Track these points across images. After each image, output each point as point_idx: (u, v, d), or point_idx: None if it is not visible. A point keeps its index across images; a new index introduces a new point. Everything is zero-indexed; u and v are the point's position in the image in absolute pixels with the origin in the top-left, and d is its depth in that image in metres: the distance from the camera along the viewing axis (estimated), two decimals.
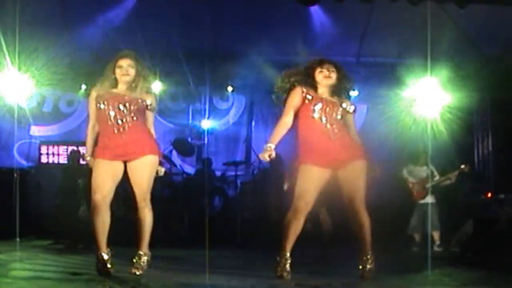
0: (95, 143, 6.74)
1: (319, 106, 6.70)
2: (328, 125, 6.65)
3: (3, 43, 10.97)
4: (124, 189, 6.90)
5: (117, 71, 6.63)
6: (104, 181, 6.46)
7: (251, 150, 15.53)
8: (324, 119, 6.67)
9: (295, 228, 6.59)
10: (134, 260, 6.55)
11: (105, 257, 6.43)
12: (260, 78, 14.76)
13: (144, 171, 6.53)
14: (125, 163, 6.59)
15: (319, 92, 6.81)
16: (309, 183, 6.60)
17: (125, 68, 6.61)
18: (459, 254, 10.09)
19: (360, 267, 6.68)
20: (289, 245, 6.61)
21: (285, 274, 6.54)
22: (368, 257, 6.66)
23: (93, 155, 6.66)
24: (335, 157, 6.60)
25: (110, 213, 6.49)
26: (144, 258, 6.56)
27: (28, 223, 11.13)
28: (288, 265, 6.57)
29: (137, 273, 6.47)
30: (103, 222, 6.45)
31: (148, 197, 6.58)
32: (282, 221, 6.76)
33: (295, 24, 12.43)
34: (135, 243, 6.61)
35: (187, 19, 12.36)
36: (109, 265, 6.45)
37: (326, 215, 9.16)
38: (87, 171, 6.91)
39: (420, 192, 11.51)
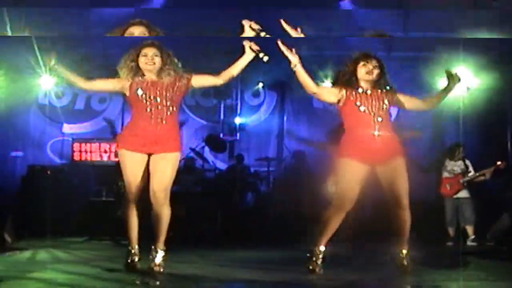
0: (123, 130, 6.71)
1: (364, 100, 6.62)
2: (373, 121, 6.56)
3: (34, 41, 11.05)
4: None
5: (142, 60, 6.49)
6: (136, 175, 6.44)
7: (283, 145, 15.52)
8: (369, 113, 6.58)
9: (334, 225, 6.52)
10: (153, 257, 6.46)
11: (134, 252, 6.46)
12: (291, 74, 14.72)
13: (170, 166, 6.43)
14: (149, 155, 6.50)
15: (362, 86, 6.69)
16: (353, 179, 6.50)
17: (151, 57, 6.48)
18: (494, 248, 10.03)
19: (397, 262, 6.64)
20: (325, 240, 6.57)
21: (317, 269, 6.51)
22: (405, 252, 6.62)
23: (120, 143, 6.57)
24: (377, 153, 6.52)
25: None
26: (162, 254, 6.47)
27: (61, 221, 11.21)
28: (320, 260, 6.53)
29: (161, 270, 6.41)
30: (134, 216, 6.52)
31: (169, 193, 6.47)
32: (313, 216, 6.72)
33: (325, 18, 12.39)
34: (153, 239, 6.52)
35: (218, 15, 12.36)
36: (137, 261, 6.50)
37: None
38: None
39: (454, 187, 11.42)
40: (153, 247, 6.47)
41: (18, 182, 12.79)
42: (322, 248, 6.58)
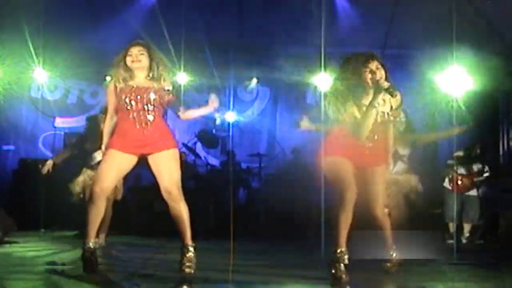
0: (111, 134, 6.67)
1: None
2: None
3: (27, 35, 11.04)
4: None
5: (128, 59, 6.49)
6: (108, 172, 6.36)
7: (275, 142, 15.54)
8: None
9: (346, 220, 6.28)
10: (184, 255, 6.38)
11: (92, 246, 6.39)
12: (285, 70, 14.74)
13: (171, 162, 6.39)
14: (142, 157, 6.47)
15: (368, 92, 6.36)
16: (348, 172, 6.33)
17: (135, 55, 6.47)
18: (483, 246, 10.07)
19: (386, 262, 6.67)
20: (343, 239, 6.25)
21: (343, 275, 6.11)
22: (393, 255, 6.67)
23: (109, 145, 6.52)
24: (364, 159, 6.41)
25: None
26: (192, 249, 6.38)
27: (52, 215, 11.21)
28: (344, 264, 6.16)
29: (192, 272, 6.32)
30: (97, 213, 6.36)
31: (181, 189, 6.42)
32: (307, 213, 6.69)
33: (320, 15, 12.37)
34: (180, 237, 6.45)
35: (212, 10, 12.37)
36: (94, 256, 6.41)
37: None
38: None
39: (466, 185, 11.36)
40: (184, 245, 6.39)
41: (9, 176, 12.77)
42: (344, 248, 6.23)
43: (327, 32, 12.97)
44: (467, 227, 11.26)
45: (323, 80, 14.96)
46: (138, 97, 6.41)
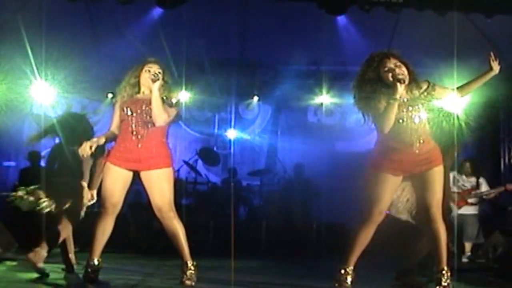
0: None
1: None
2: (408, 130, 6.13)
3: (29, 51, 11.06)
4: None
5: (145, 75, 6.53)
6: (115, 187, 6.43)
7: (276, 159, 15.56)
8: (404, 122, 6.14)
9: (365, 240, 6.20)
10: (183, 272, 6.45)
11: (96, 263, 6.42)
12: (286, 88, 14.79)
13: (163, 182, 6.41)
14: (136, 172, 6.51)
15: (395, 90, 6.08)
16: (384, 191, 6.18)
17: (154, 72, 6.46)
18: (485, 265, 10.03)
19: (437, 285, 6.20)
20: (354, 257, 6.20)
21: None
22: (444, 272, 6.16)
23: (106, 158, 6.56)
24: (417, 162, 6.15)
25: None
26: (192, 267, 6.46)
27: (54, 232, 11.18)
28: (350, 279, 6.16)
29: (192, 284, 6.40)
30: (106, 230, 6.45)
31: (173, 206, 6.47)
32: (306, 229, 6.64)
33: (321, 33, 12.41)
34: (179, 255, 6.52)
35: (214, 29, 12.41)
36: (96, 273, 6.45)
37: None
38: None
39: (459, 203, 11.30)
40: (183, 261, 6.46)
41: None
42: (352, 266, 6.20)
43: (328, 51, 13.06)
44: (468, 246, 11.22)
45: (323, 97, 15.07)
46: (140, 108, 6.45)
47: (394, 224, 6.95)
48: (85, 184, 7.40)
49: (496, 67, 6.46)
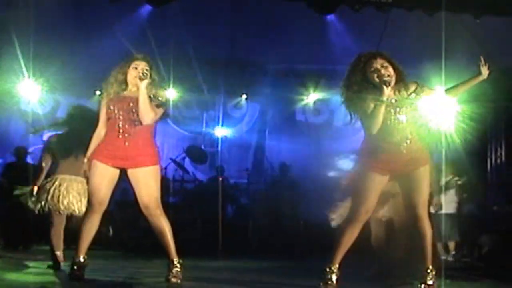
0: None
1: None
2: (395, 130, 6.13)
3: (18, 48, 11.02)
4: None
5: (132, 72, 6.49)
6: (101, 184, 6.38)
7: (264, 158, 15.56)
8: (392, 123, 6.15)
9: (350, 239, 6.19)
10: (170, 270, 6.40)
11: (82, 261, 6.39)
12: (274, 86, 14.79)
13: (150, 180, 6.38)
14: (123, 170, 6.47)
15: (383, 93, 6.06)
16: (370, 190, 6.18)
17: (141, 69, 6.41)
18: (471, 264, 10.07)
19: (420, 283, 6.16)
20: (339, 256, 6.19)
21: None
22: (429, 271, 6.14)
23: (92, 155, 6.48)
24: (404, 162, 6.14)
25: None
26: (178, 265, 6.41)
27: (41, 230, 11.15)
28: (335, 278, 6.14)
29: (178, 281, 6.35)
30: (92, 227, 6.41)
31: (160, 204, 6.44)
32: (293, 228, 6.62)
33: (310, 33, 12.42)
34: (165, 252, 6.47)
35: (202, 27, 12.39)
36: (82, 271, 6.40)
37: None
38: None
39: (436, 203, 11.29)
40: (170, 259, 6.41)
41: None
42: (337, 264, 6.18)
43: (317, 49, 13.06)
44: (451, 245, 11.23)
45: (311, 96, 15.09)
46: (127, 106, 6.40)
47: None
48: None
49: (485, 71, 6.45)
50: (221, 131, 15.81)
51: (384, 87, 5.97)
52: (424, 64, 11.69)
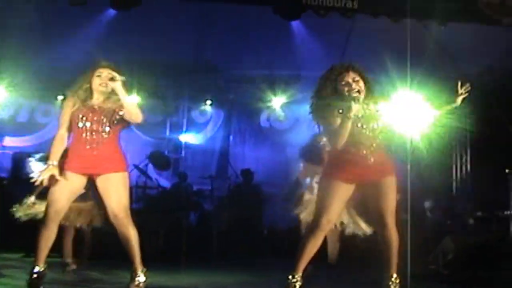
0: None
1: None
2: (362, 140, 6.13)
3: None
4: None
5: (96, 80, 6.39)
6: (61, 194, 6.23)
7: (228, 164, 15.50)
8: (357, 135, 6.11)
9: (313, 247, 6.14)
10: (133, 279, 6.33)
11: (41, 270, 6.23)
12: (239, 92, 14.75)
13: (120, 186, 6.29)
14: (90, 178, 6.36)
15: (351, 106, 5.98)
16: (334, 198, 6.14)
17: (105, 78, 6.33)
18: (436, 271, 10.07)
19: None
20: (302, 265, 6.13)
21: None
22: (393, 279, 6.17)
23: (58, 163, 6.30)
24: (370, 171, 6.16)
25: None
26: (140, 274, 6.33)
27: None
28: (298, 286, 6.10)
29: None
30: (49, 237, 6.24)
31: (129, 213, 6.34)
32: (256, 235, 6.57)
33: (275, 39, 12.39)
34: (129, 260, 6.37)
35: (168, 32, 12.30)
36: (41, 280, 6.25)
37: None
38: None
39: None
40: (133, 268, 6.33)
41: None
42: (300, 273, 6.13)
43: (282, 55, 13.02)
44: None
45: (276, 103, 15.07)
46: (95, 117, 6.30)
47: None
48: None
49: (458, 100, 6.53)
50: (185, 137, 15.74)
51: (353, 103, 5.91)
52: (390, 69, 11.72)
